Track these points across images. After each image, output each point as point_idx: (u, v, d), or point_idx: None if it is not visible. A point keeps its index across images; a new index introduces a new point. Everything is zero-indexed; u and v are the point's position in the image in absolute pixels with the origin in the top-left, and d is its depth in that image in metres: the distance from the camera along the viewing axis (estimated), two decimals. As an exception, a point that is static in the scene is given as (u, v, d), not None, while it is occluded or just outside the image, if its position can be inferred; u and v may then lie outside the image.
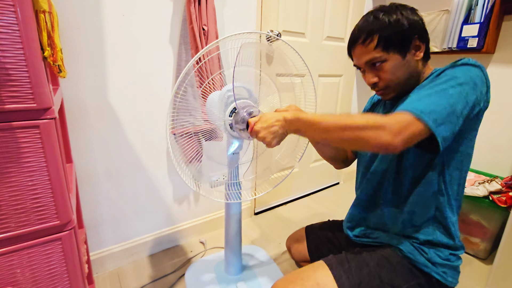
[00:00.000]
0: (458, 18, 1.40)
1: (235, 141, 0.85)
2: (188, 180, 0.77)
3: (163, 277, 1.15)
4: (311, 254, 1.04)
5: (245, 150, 0.89)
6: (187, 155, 0.86)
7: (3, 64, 0.46)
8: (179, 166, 0.74)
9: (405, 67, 0.73)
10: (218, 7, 1.19)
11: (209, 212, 1.46)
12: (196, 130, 0.84)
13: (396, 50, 0.71)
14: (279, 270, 1.12)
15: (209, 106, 0.82)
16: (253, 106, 0.79)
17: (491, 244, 1.28)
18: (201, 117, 0.83)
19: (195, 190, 0.79)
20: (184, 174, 0.76)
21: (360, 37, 0.73)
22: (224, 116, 0.79)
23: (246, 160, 0.99)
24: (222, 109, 0.79)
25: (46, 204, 0.54)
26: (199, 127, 0.84)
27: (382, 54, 0.72)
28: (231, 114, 0.79)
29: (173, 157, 0.73)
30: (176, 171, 0.78)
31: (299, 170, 1.82)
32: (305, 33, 1.59)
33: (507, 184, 1.27)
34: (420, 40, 0.73)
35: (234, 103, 0.77)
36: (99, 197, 1.11)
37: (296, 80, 0.90)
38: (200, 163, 0.83)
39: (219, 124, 0.81)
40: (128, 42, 1.03)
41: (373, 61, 0.73)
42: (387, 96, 0.78)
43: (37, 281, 0.56)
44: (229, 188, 0.90)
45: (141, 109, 1.12)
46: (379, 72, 0.74)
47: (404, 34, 0.71)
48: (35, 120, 0.50)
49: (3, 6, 0.44)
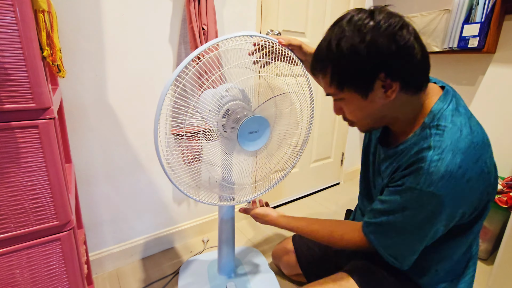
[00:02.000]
0: (459, 17, 1.40)
1: (228, 142, 0.84)
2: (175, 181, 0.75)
3: (163, 278, 1.15)
4: (303, 268, 1.01)
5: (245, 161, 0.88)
6: (184, 155, 0.85)
7: (2, 64, 0.45)
8: (168, 167, 0.73)
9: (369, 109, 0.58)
10: (218, 6, 1.18)
11: (209, 212, 1.45)
12: (196, 130, 0.83)
13: (353, 89, 0.56)
14: (273, 274, 1.11)
15: (202, 105, 0.81)
16: (246, 109, 0.78)
17: (492, 245, 1.28)
18: (196, 117, 0.81)
19: (187, 194, 0.78)
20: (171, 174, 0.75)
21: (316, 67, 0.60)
22: (217, 117, 0.77)
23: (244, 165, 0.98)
24: (215, 109, 0.77)
25: (45, 204, 0.54)
26: (198, 127, 0.83)
27: (336, 91, 0.58)
28: (224, 116, 0.77)
29: (162, 158, 0.71)
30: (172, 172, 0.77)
31: (299, 170, 1.82)
32: (305, 32, 1.59)
33: (507, 185, 1.27)
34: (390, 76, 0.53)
35: (228, 105, 0.76)
36: (99, 197, 1.10)
37: (293, 80, 0.89)
38: (196, 163, 0.82)
39: (213, 125, 0.80)
40: (127, 42, 1.02)
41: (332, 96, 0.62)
42: (359, 129, 0.67)
43: (36, 281, 0.56)
44: (222, 189, 0.89)
45: (140, 109, 1.11)
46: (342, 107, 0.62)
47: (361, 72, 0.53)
48: (34, 120, 0.50)
49: (2, 5, 0.43)
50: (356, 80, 0.55)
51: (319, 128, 1.83)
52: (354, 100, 0.58)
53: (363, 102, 0.57)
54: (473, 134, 0.55)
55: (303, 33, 1.58)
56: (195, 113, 0.72)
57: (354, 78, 0.55)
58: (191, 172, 0.79)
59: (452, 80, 1.58)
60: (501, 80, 1.43)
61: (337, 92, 0.58)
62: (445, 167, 0.52)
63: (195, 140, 0.77)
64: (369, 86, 0.55)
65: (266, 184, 0.94)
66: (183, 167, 0.78)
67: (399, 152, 0.64)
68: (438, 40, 1.50)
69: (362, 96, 0.56)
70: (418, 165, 0.55)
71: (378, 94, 0.56)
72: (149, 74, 1.10)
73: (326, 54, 0.56)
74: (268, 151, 0.90)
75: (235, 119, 0.75)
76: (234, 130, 0.75)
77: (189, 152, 0.77)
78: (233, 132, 0.76)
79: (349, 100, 0.59)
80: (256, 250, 1.26)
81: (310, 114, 0.90)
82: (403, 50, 0.51)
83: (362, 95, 0.56)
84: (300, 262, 1.01)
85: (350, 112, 0.62)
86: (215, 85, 0.76)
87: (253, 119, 0.75)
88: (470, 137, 0.55)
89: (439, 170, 0.52)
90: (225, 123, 0.77)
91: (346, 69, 0.54)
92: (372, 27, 0.51)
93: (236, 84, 0.77)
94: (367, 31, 0.51)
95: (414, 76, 0.55)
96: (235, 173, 0.88)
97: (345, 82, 0.56)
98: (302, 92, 0.86)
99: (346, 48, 0.52)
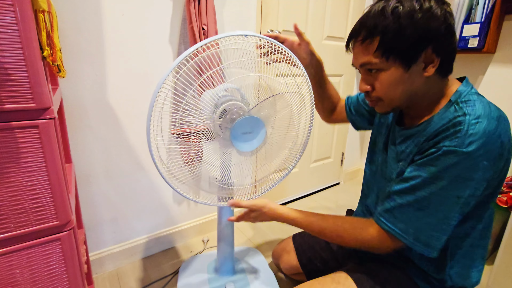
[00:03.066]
0: (459, 17, 1.40)
1: (226, 142, 0.83)
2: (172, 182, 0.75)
3: (163, 278, 1.15)
4: (304, 267, 1.00)
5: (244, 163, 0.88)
6: (183, 156, 0.85)
7: (2, 64, 0.45)
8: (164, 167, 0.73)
9: (406, 84, 0.59)
10: (218, 6, 1.18)
11: (209, 212, 1.45)
12: (194, 130, 0.82)
13: (398, 60, 0.56)
14: (273, 274, 1.10)
15: (202, 105, 0.80)
16: (242, 109, 0.78)
17: (492, 245, 1.28)
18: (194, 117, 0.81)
19: (186, 196, 0.78)
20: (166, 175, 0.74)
21: (360, 34, 0.59)
22: (213, 117, 0.77)
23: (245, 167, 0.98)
24: (211, 109, 0.77)
25: (45, 204, 0.54)
26: (197, 127, 0.82)
27: (380, 60, 0.58)
28: (221, 116, 0.76)
29: (156, 159, 0.71)
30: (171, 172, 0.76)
31: (299, 170, 1.82)
32: (305, 32, 1.58)
33: (507, 184, 1.27)
34: (435, 51, 0.56)
35: (224, 105, 0.75)
36: (99, 197, 1.10)
37: (292, 81, 0.89)
38: (195, 164, 0.81)
39: (210, 125, 0.80)
40: (127, 42, 1.03)
41: (368, 67, 0.60)
42: (379, 110, 0.67)
43: (36, 281, 0.56)
44: (221, 190, 0.88)
45: (141, 109, 1.11)
46: (374, 81, 0.61)
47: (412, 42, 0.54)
48: (34, 120, 0.50)
49: (2, 5, 0.43)
50: (405, 49, 0.55)
51: (319, 128, 1.83)
52: (394, 72, 0.58)
53: (403, 75, 0.58)
54: (499, 109, 0.58)
55: (303, 33, 1.58)
56: (192, 111, 0.72)
57: (404, 46, 0.55)
58: (189, 172, 0.79)
59: (452, 80, 1.58)
60: (501, 80, 1.43)
61: (380, 61, 0.58)
62: (484, 129, 0.53)
63: (193, 140, 0.77)
64: (414, 57, 0.56)
65: (266, 184, 0.94)
66: (181, 167, 0.78)
67: (422, 129, 0.63)
68: (438, 40, 1.50)
69: (404, 67, 0.57)
70: (455, 129, 0.55)
71: (419, 68, 0.57)
72: (149, 74, 1.10)
73: (379, 18, 0.55)
74: (267, 151, 0.90)
75: (230, 119, 0.75)
76: (229, 130, 0.75)
77: (187, 152, 0.77)
78: (227, 132, 0.76)
79: (389, 72, 0.58)
80: (256, 250, 1.26)
81: (310, 115, 0.90)
82: (450, 31, 0.55)
83: (404, 67, 0.57)
84: (301, 261, 1.00)
85: (383, 86, 0.60)
86: (214, 85, 0.76)
87: (247, 119, 0.74)
88: (499, 111, 0.58)
89: (478, 131, 0.53)
90: (221, 123, 0.77)
91: (399, 36, 0.54)
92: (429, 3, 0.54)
93: (234, 84, 0.77)
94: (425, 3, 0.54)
95: (451, 58, 0.58)
96: (234, 173, 0.88)
97: (393, 50, 0.56)
98: (301, 93, 0.86)
99: (404, 13, 0.53)
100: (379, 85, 0.61)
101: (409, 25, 0.53)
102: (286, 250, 1.06)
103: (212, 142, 0.81)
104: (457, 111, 0.58)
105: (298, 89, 0.85)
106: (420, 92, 0.61)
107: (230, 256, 1.04)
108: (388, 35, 0.55)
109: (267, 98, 0.82)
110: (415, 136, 0.65)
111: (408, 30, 0.53)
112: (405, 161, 0.66)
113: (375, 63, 0.58)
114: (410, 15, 0.53)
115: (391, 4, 0.54)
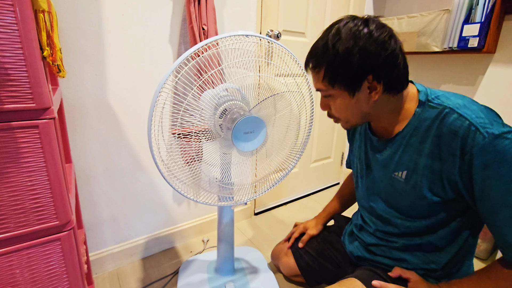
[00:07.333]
0: (459, 17, 1.40)
1: (227, 142, 0.83)
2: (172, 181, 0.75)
3: (163, 278, 1.15)
4: (302, 270, 1.00)
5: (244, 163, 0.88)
6: (184, 156, 0.85)
7: (2, 64, 0.45)
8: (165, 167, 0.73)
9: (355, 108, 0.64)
10: (218, 6, 1.18)
11: (209, 212, 1.45)
12: (195, 130, 0.83)
13: (343, 87, 0.62)
14: (272, 274, 1.10)
15: (203, 105, 0.80)
16: (243, 109, 0.78)
17: (492, 245, 1.28)
18: (194, 117, 0.81)
19: (186, 196, 0.78)
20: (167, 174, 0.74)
21: (309, 63, 0.66)
22: (214, 117, 0.77)
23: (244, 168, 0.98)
24: (212, 109, 0.77)
25: (45, 204, 0.54)
26: (198, 127, 0.82)
27: (327, 87, 0.63)
28: (221, 116, 0.76)
29: (157, 159, 0.71)
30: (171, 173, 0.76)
31: (299, 170, 1.82)
32: (305, 32, 1.59)
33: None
34: (376, 79, 0.60)
35: (225, 105, 0.75)
36: (99, 197, 1.10)
37: (292, 81, 0.89)
38: (196, 164, 0.81)
39: (210, 125, 0.80)
40: (127, 42, 1.03)
41: (321, 92, 0.67)
42: (342, 126, 0.72)
43: (36, 281, 0.56)
44: (221, 190, 0.88)
45: (140, 109, 1.11)
46: (329, 103, 0.67)
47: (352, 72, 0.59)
48: (34, 120, 0.50)
49: (2, 5, 0.43)
50: (346, 79, 0.60)
51: (319, 128, 1.83)
52: (342, 97, 0.63)
53: (350, 100, 0.63)
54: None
55: (303, 33, 1.58)
56: (193, 112, 0.72)
57: (345, 77, 0.60)
58: (190, 172, 0.79)
59: (452, 80, 1.58)
60: (501, 80, 1.43)
61: (327, 88, 0.64)
62: (476, 107, 0.58)
63: (194, 140, 0.77)
64: (357, 85, 0.61)
65: (265, 184, 0.94)
66: (181, 167, 0.78)
67: (406, 134, 0.66)
68: (438, 40, 1.50)
69: (349, 94, 0.62)
70: (455, 129, 0.57)
71: (364, 94, 0.62)
72: (149, 74, 1.10)
73: (322, 52, 0.61)
74: (268, 151, 0.90)
75: (231, 119, 0.75)
76: (230, 130, 0.75)
77: (187, 152, 0.77)
78: (228, 132, 0.76)
79: (337, 97, 0.64)
80: (256, 250, 1.26)
81: (310, 114, 0.90)
82: (390, 57, 0.58)
83: (349, 93, 0.62)
84: (298, 265, 1.00)
85: (336, 109, 0.67)
86: (214, 85, 0.76)
87: (248, 119, 0.74)
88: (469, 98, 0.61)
89: (474, 110, 0.57)
90: (222, 123, 0.77)
91: (339, 68, 0.59)
92: (366, 34, 0.57)
93: (234, 84, 0.77)
94: (361, 37, 0.57)
95: (397, 80, 0.61)
96: (234, 173, 0.88)
97: (336, 80, 0.61)
98: (301, 92, 0.86)
99: (341, 50, 0.58)
100: (333, 108, 0.67)
101: (346, 59, 0.58)
102: (284, 252, 1.06)
103: (213, 142, 0.81)
104: (437, 108, 0.61)
105: (298, 88, 0.85)
106: (374, 112, 0.66)
107: (230, 256, 1.04)
108: (331, 67, 0.60)
109: (267, 98, 0.82)
110: (398, 143, 0.68)
111: (346, 63, 0.58)
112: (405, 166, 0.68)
113: (324, 90, 0.65)
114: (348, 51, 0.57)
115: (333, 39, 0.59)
